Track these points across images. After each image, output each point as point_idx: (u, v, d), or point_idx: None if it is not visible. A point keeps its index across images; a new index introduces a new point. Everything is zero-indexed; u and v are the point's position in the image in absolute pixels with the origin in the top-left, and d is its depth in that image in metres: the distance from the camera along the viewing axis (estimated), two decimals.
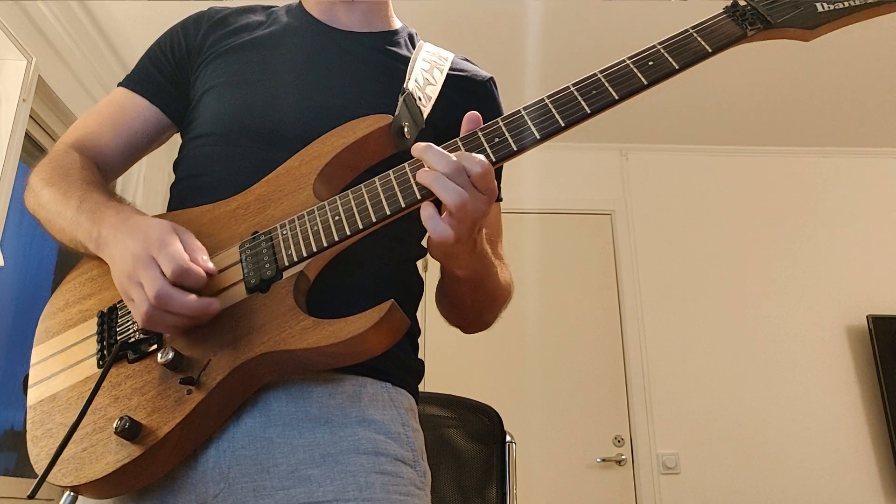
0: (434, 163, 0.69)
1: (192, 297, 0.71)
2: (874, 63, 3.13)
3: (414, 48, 1.01)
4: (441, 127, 0.89)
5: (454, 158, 0.69)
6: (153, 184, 3.08)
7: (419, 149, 0.71)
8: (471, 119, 0.75)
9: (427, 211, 0.70)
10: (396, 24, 1.05)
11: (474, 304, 0.91)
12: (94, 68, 2.94)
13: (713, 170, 3.77)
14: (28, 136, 2.58)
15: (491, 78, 1.04)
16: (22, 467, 2.49)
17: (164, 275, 0.71)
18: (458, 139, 0.75)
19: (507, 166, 1.06)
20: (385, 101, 0.88)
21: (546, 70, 3.08)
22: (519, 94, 2.93)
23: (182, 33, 1.00)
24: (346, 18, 0.99)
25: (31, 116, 2.55)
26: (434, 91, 0.93)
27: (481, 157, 0.70)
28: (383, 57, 0.97)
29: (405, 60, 0.96)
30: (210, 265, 0.74)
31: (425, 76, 0.94)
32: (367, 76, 0.94)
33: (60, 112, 2.81)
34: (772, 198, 3.71)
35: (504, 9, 2.83)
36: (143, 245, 0.73)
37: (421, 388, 0.91)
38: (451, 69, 0.99)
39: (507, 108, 1.02)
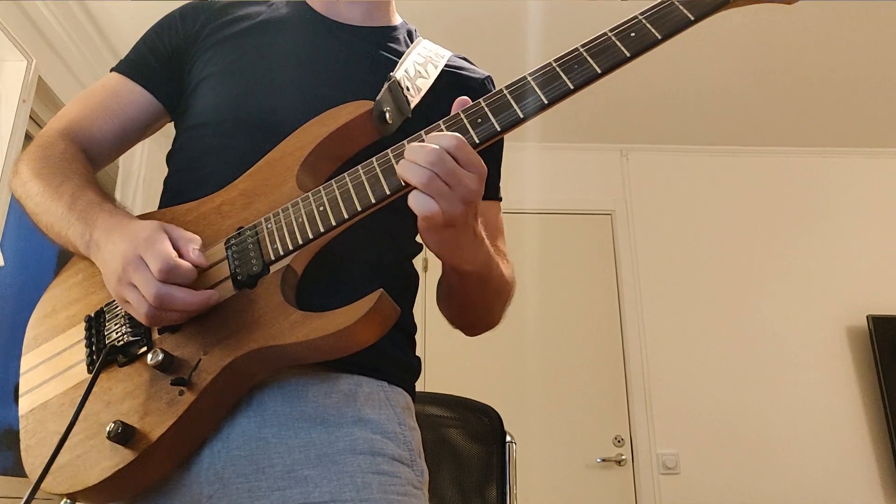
0: (408, 153, 0.69)
1: (190, 292, 0.70)
2: (873, 63, 3.13)
3: (411, 42, 1.01)
4: (431, 118, 0.89)
5: (423, 144, 0.68)
6: (153, 183, 3.08)
7: (406, 148, 0.70)
8: (459, 104, 0.74)
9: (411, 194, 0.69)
10: (397, 20, 1.04)
11: (482, 302, 0.89)
12: (94, 69, 2.94)
13: (713, 170, 3.77)
14: (28, 137, 2.58)
15: (489, 76, 1.03)
16: (19, 467, 2.48)
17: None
18: (440, 122, 0.74)
19: (508, 166, 1.06)
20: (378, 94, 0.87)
21: None
22: None
23: (180, 20, 0.98)
24: (347, 12, 0.99)
25: (31, 117, 2.54)
26: (425, 84, 0.92)
27: (452, 134, 0.69)
28: (382, 52, 0.96)
29: (402, 55, 0.96)
30: (198, 256, 0.73)
31: (417, 68, 0.93)
32: (364, 70, 0.93)
33: None
34: (772, 198, 3.70)
35: (506, 9, 2.83)
36: (130, 246, 0.72)
37: (421, 387, 0.91)
38: (446, 66, 0.98)
39: None
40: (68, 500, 0.73)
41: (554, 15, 2.84)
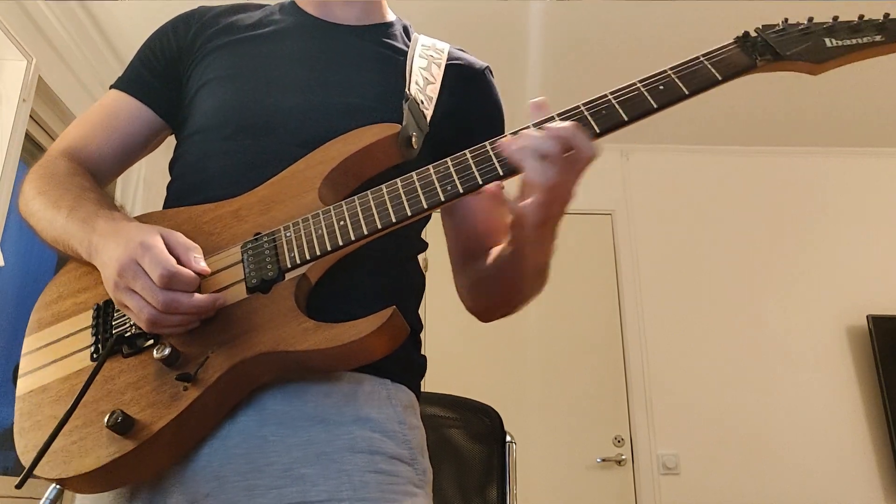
0: (527, 141, 0.68)
1: (198, 295, 0.71)
2: (873, 62, 3.13)
3: (409, 40, 1.01)
4: (443, 122, 0.90)
5: (548, 133, 0.68)
6: (153, 184, 3.08)
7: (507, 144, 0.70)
8: (538, 106, 0.75)
9: (498, 193, 0.69)
10: (391, 16, 1.05)
11: (530, 290, 0.89)
12: (94, 68, 2.94)
13: (713, 170, 3.77)
14: (28, 136, 2.58)
15: (487, 67, 1.04)
16: (20, 467, 2.48)
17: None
18: (466, 151, 0.75)
19: None
20: (384, 95, 0.88)
21: (547, 70, 3.08)
22: (520, 94, 2.93)
23: (172, 32, 0.98)
24: (342, 13, 0.99)
25: (31, 116, 2.55)
26: (434, 90, 0.93)
27: (569, 124, 0.70)
28: (380, 49, 0.97)
29: (402, 52, 0.96)
30: (202, 265, 0.73)
31: (424, 75, 0.94)
32: (365, 70, 0.93)
33: (60, 112, 2.81)
34: (772, 198, 3.71)
35: (506, 10, 2.83)
36: (125, 251, 0.71)
37: (421, 388, 0.91)
38: (448, 60, 0.99)
39: (508, 107, 1.03)
40: (57, 487, 0.72)
41: (554, 16, 2.84)
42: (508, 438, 1.57)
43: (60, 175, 0.88)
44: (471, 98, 0.98)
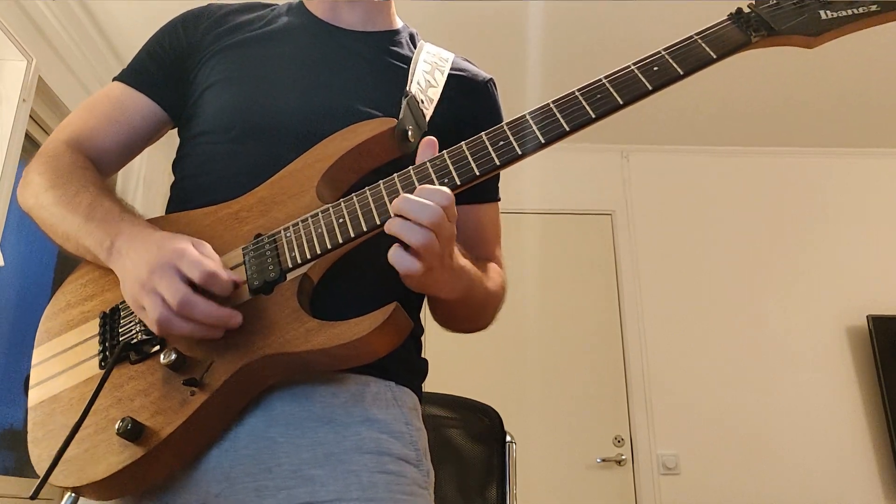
0: (408, 211, 0.68)
1: (213, 304, 0.70)
2: (872, 63, 3.13)
3: (415, 48, 1.01)
4: (443, 128, 0.89)
5: (427, 203, 0.68)
6: (153, 184, 3.08)
7: (399, 201, 0.69)
8: (428, 144, 0.75)
9: (391, 250, 0.69)
10: (398, 23, 1.04)
11: (465, 316, 0.91)
12: (94, 68, 2.94)
13: (714, 171, 3.77)
14: (28, 137, 2.58)
15: (491, 79, 1.04)
16: (21, 467, 2.48)
17: (186, 282, 0.70)
18: (462, 143, 0.75)
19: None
20: (387, 100, 0.88)
21: (547, 71, 3.08)
22: (520, 94, 2.93)
23: (182, 28, 0.98)
24: (348, 17, 0.99)
25: (31, 116, 2.54)
26: (436, 93, 0.93)
27: (445, 189, 0.70)
28: (385, 56, 0.97)
29: (407, 60, 0.96)
30: (235, 277, 0.73)
31: (427, 78, 0.94)
32: (370, 76, 0.93)
33: (60, 112, 2.81)
34: (772, 198, 3.71)
35: (506, 10, 2.83)
36: (157, 255, 0.72)
37: (422, 387, 0.91)
38: (451, 70, 0.99)
39: (508, 108, 1.03)
40: (73, 494, 0.73)
41: (554, 16, 2.84)
42: (508, 438, 1.58)
43: (70, 169, 0.87)
44: (472, 110, 0.98)
